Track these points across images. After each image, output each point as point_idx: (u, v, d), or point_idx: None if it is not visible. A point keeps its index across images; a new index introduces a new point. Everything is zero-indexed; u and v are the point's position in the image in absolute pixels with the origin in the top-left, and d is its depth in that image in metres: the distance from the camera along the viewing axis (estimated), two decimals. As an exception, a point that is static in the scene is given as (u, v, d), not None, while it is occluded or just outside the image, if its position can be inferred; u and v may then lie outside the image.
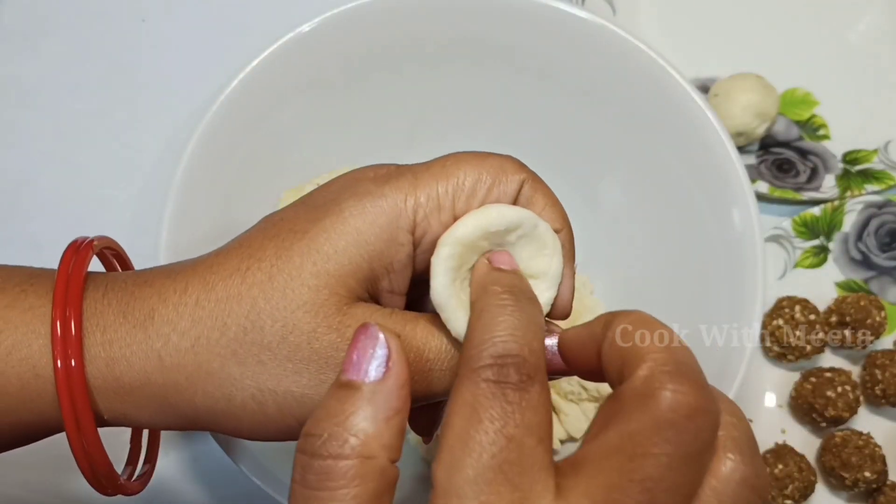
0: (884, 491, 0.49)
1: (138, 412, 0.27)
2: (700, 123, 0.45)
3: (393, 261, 0.27)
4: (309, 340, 0.26)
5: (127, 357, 0.26)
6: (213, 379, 0.26)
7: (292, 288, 0.26)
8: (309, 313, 0.26)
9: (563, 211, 0.29)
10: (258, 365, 0.26)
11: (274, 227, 0.27)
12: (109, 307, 0.27)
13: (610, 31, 0.46)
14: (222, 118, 0.45)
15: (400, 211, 0.26)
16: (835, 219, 0.54)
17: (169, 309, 0.26)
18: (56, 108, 0.57)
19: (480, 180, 0.27)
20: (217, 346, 0.26)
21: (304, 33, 0.46)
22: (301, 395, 0.26)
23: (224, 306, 0.26)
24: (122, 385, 0.26)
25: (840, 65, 0.60)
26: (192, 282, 0.27)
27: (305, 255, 0.26)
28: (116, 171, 0.55)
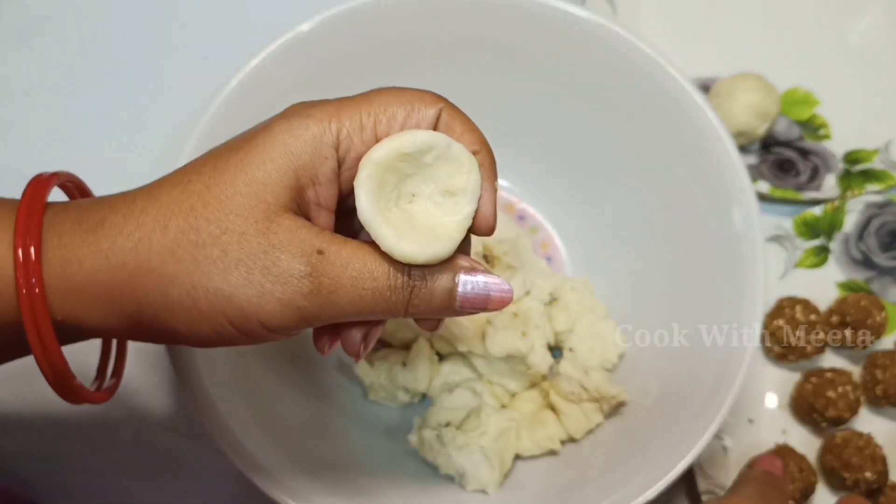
0: (884, 491, 0.49)
1: (88, 313, 0.29)
2: (701, 123, 0.45)
3: (318, 173, 0.29)
4: (239, 241, 0.28)
5: (78, 258, 0.29)
6: (152, 275, 0.28)
7: (227, 195, 0.29)
8: (240, 217, 0.28)
9: (480, 135, 0.31)
10: (193, 263, 0.28)
11: (214, 149, 0.30)
12: (67, 217, 0.30)
13: (610, 30, 0.46)
14: (222, 118, 0.45)
15: (324, 128, 0.29)
16: (835, 219, 0.54)
17: (118, 216, 0.29)
18: (55, 107, 0.57)
19: (400, 107, 0.30)
20: (157, 245, 0.28)
21: (304, 33, 0.46)
22: (230, 293, 0.28)
23: (166, 211, 0.29)
24: (73, 283, 0.29)
25: (841, 64, 0.60)
26: (139, 194, 0.30)
27: (238, 167, 0.29)
28: (116, 171, 0.55)
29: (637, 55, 0.46)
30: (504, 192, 0.54)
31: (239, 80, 0.45)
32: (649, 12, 0.60)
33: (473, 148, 0.30)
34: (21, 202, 0.30)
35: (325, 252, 0.28)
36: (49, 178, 0.32)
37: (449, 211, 0.30)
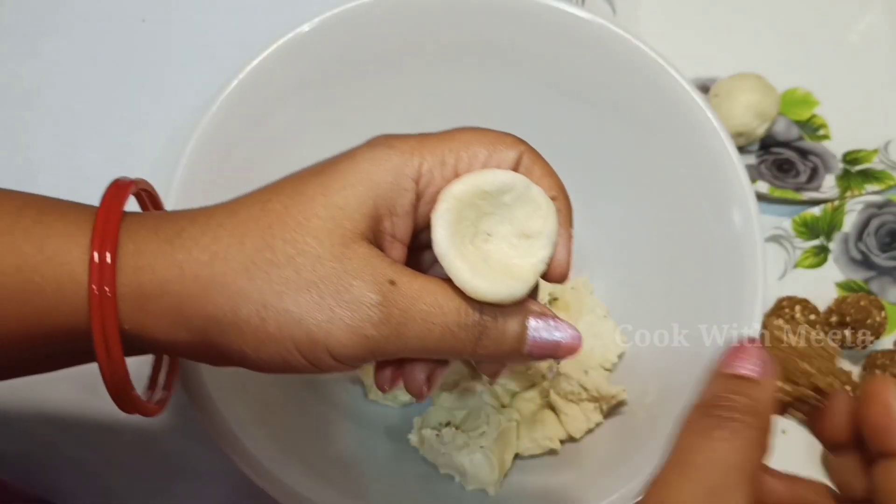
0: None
1: (155, 323, 0.29)
2: (700, 123, 0.45)
3: (396, 203, 0.30)
4: (313, 264, 0.28)
5: (152, 266, 0.29)
6: (224, 290, 0.28)
7: (305, 216, 0.29)
8: (316, 239, 0.28)
9: (558, 180, 0.32)
10: (265, 282, 0.28)
11: (296, 173, 0.31)
12: (144, 225, 0.30)
13: (610, 31, 0.46)
14: (222, 118, 0.45)
15: (406, 160, 0.29)
16: (835, 219, 0.54)
17: (196, 228, 0.29)
18: (56, 108, 0.57)
19: (482, 146, 0.30)
20: (232, 261, 0.28)
21: (304, 33, 0.46)
22: (299, 316, 0.28)
23: (243, 227, 0.29)
24: (144, 292, 0.29)
25: (840, 65, 0.60)
26: (219, 209, 0.30)
27: (318, 189, 0.29)
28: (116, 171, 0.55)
29: (636, 55, 0.46)
30: (504, 192, 0.54)
31: (239, 80, 0.45)
32: (649, 12, 0.61)
33: (551, 193, 0.31)
34: (100, 207, 0.30)
35: (397, 283, 0.28)
36: (127, 185, 0.31)
37: (524, 253, 0.30)
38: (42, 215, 0.29)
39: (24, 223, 0.29)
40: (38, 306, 0.28)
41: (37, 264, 0.28)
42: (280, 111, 0.47)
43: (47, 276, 0.28)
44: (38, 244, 0.29)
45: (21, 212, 0.29)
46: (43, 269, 0.28)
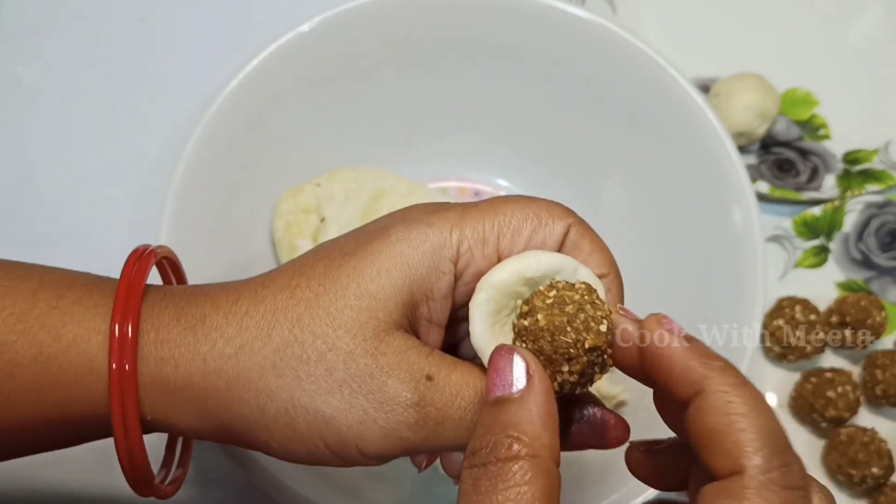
0: (884, 491, 0.49)
1: (178, 415, 0.28)
2: (700, 123, 0.45)
3: (433, 288, 0.27)
4: (345, 361, 0.26)
5: (175, 358, 0.27)
6: (250, 387, 0.27)
7: (336, 307, 0.27)
8: (348, 333, 0.26)
9: (609, 256, 0.29)
10: (294, 380, 0.26)
11: (325, 248, 0.29)
12: (166, 310, 0.28)
13: (610, 30, 0.46)
14: (222, 118, 0.45)
15: (444, 240, 0.27)
16: (835, 219, 0.54)
17: (219, 316, 0.27)
18: (56, 108, 0.57)
19: (526, 220, 0.28)
20: (259, 355, 0.27)
21: (304, 33, 0.46)
22: (330, 416, 0.26)
23: (270, 318, 0.27)
24: (167, 385, 0.27)
25: (840, 65, 0.60)
26: (243, 294, 0.28)
27: (351, 275, 0.27)
28: (116, 171, 0.55)
29: (637, 55, 0.46)
30: (504, 192, 0.54)
31: (239, 80, 0.45)
32: (649, 12, 0.60)
33: (602, 270, 0.28)
34: (119, 284, 0.28)
35: (433, 378, 0.26)
36: (148, 257, 0.30)
37: None
38: (58, 300, 0.28)
39: (39, 309, 0.28)
40: (56, 398, 0.27)
41: (53, 354, 0.27)
42: (280, 111, 0.47)
43: (65, 367, 0.27)
44: (54, 333, 0.27)
45: (36, 296, 0.28)
46: (60, 359, 0.27)
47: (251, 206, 0.48)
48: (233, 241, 0.47)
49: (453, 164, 0.54)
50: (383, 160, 0.51)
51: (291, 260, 0.29)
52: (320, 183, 0.49)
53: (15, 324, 0.27)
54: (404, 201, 0.49)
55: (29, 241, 0.53)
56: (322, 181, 0.49)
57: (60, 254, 0.53)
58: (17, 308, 0.28)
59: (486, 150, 0.53)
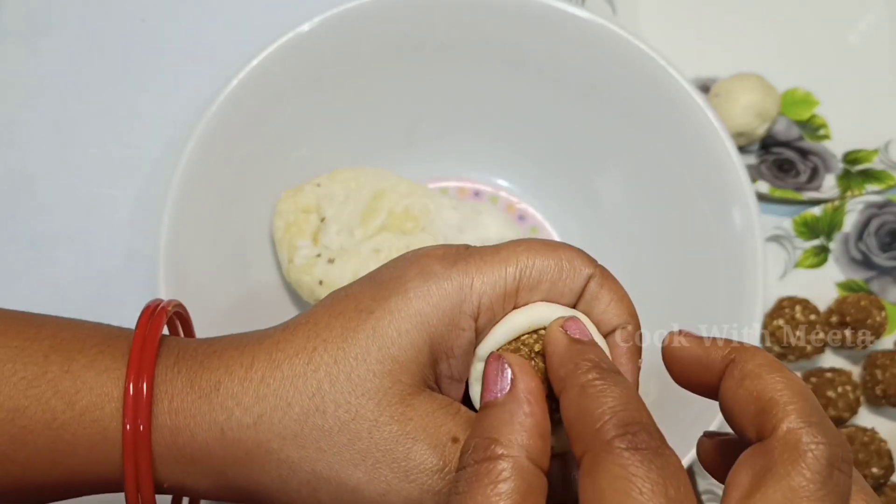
0: (884, 491, 0.49)
1: (196, 483, 0.27)
2: (700, 123, 0.45)
3: (454, 345, 0.27)
4: (370, 430, 0.26)
5: (191, 428, 0.27)
6: (271, 458, 0.26)
7: (358, 373, 0.26)
8: (372, 401, 0.26)
9: (630, 306, 0.28)
10: (317, 451, 0.26)
11: (339, 303, 0.27)
12: (179, 375, 0.27)
13: (610, 30, 0.46)
14: (222, 118, 0.45)
15: (465, 296, 0.26)
16: (835, 219, 0.54)
17: (234, 383, 0.27)
18: (56, 108, 0.57)
19: (547, 272, 0.27)
20: (279, 426, 0.26)
21: (304, 33, 0.46)
22: (354, 487, 0.26)
23: (289, 386, 0.26)
24: (184, 455, 0.27)
25: (840, 65, 0.60)
26: (258, 357, 0.27)
27: (371, 338, 0.26)
28: (116, 171, 0.55)
29: (637, 55, 0.46)
30: (504, 192, 0.54)
31: (239, 80, 0.45)
32: (649, 12, 0.60)
33: (620, 321, 0.28)
34: (133, 347, 0.27)
35: (459, 440, 0.26)
36: (160, 314, 0.29)
37: None
38: (70, 363, 0.27)
39: (51, 373, 0.27)
40: (71, 465, 0.27)
41: (67, 422, 0.27)
42: (280, 111, 0.47)
43: (79, 435, 0.27)
44: (67, 399, 0.27)
45: (48, 359, 0.27)
46: (74, 427, 0.27)
47: (251, 206, 0.48)
48: (233, 241, 0.47)
49: (453, 164, 0.54)
50: (383, 160, 0.51)
51: (304, 314, 0.28)
52: (320, 183, 0.49)
53: (27, 388, 0.27)
54: (404, 201, 0.49)
55: (29, 241, 0.53)
56: (322, 181, 0.49)
57: (60, 254, 0.53)
58: (29, 372, 0.27)
59: (486, 150, 0.53)
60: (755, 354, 0.24)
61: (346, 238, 0.48)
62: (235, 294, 0.47)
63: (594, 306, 0.28)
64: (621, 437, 0.22)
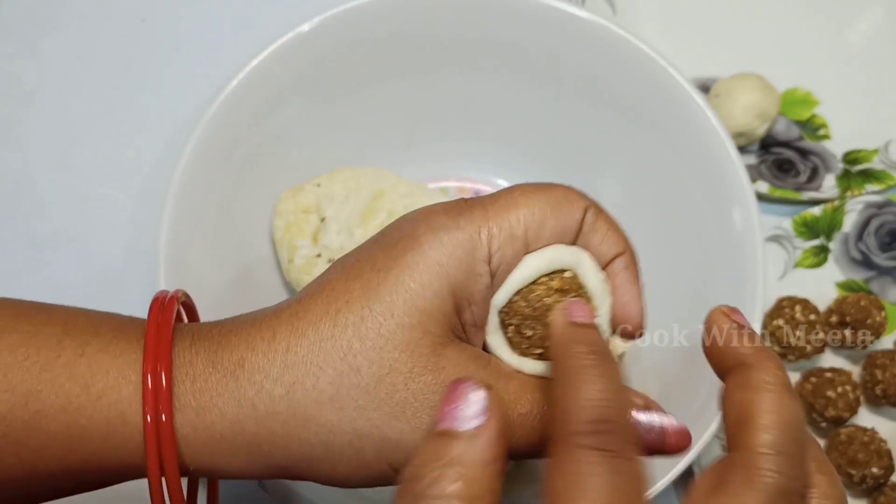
0: (884, 491, 0.49)
1: (228, 462, 0.27)
2: (700, 123, 0.45)
3: (473, 292, 0.27)
4: (406, 381, 0.26)
5: (219, 406, 0.26)
6: (309, 425, 0.26)
7: (388, 328, 0.26)
8: (405, 352, 0.26)
9: (623, 235, 0.29)
10: (356, 409, 0.26)
11: (354, 267, 0.27)
12: (198, 356, 0.27)
13: (610, 30, 0.46)
14: (222, 118, 0.45)
15: (476, 242, 0.27)
16: (835, 219, 0.54)
17: (259, 356, 0.26)
18: (56, 108, 0.57)
19: (548, 209, 0.28)
20: (313, 391, 0.26)
21: (304, 33, 0.46)
22: (397, 440, 0.26)
23: (317, 350, 0.26)
24: (213, 434, 0.26)
25: (840, 65, 0.60)
26: (279, 329, 0.27)
27: (394, 293, 0.26)
28: (116, 171, 0.55)
29: (637, 55, 0.46)
30: (504, 192, 0.54)
31: (239, 80, 0.45)
32: (649, 12, 0.60)
33: (616, 250, 0.29)
34: (147, 334, 0.27)
35: (493, 386, 0.26)
36: (171, 302, 0.29)
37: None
38: (85, 346, 0.27)
39: (65, 357, 0.26)
40: (87, 450, 0.26)
41: (82, 405, 0.26)
42: (280, 111, 0.47)
43: (95, 419, 0.26)
44: (82, 383, 0.26)
45: (61, 343, 0.27)
46: (90, 410, 0.26)
47: (251, 206, 0.48)
48: (233, 240, 0.47)
49: (453, 164, 0.54)
50: (383, 160, 0.51)
51: (318, 283, 0.28)
52: (320, 183, 0.49)
53: (40, 372, 0.26)
54: (404, 201, 0.49)
55: (28, 241, 0.53)
56: (322, 181, 0.49)
57: (60, 254, 0.53)
58: (43, 356, 0.26)
59: (486, 150, 0.53)
60: (768, 369, 0.25)
61: (346, 238, 0.48)
62: (236, 294, 0.47)
63: (591, 238, 0.28)
64: (589, 435, 0.22)
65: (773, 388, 0.24)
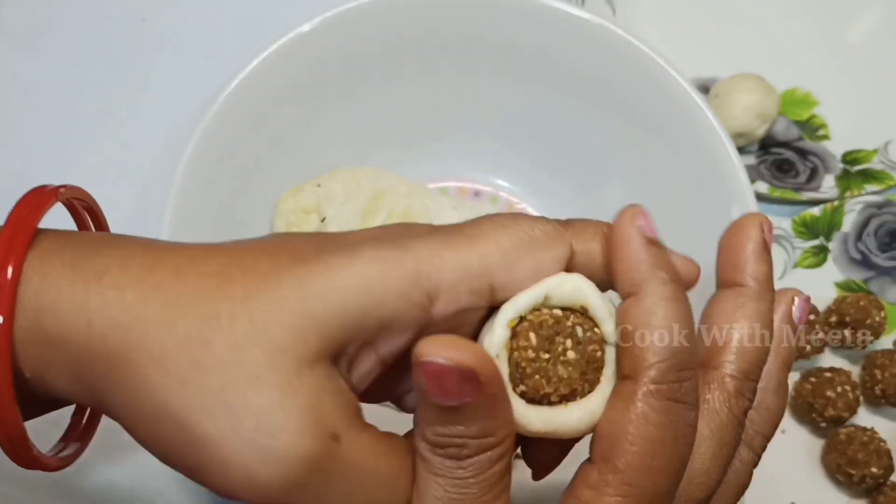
0: (883, 490, 0.49)
1: (53, 375, 0.24)
2: (700, 124, 0.45)
3: (395, 319, 0.23)
4: (246, 384, 0.22)
5: (55, 308, 0.23)
6: (130, 370, 0.23)
7: (264, 320, 0.22)
8: (265, 354, 0.22)
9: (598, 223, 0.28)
10: (179, 383, 0.22)
11: (276, 245, 0.24)
12: (60, 258, 0.24)
13: (610, 31, 0.46)
14: (222, 118, 0.45)
15: (424, 270, 0.23)
16: (834, 219, 0.54)
17: (125, 276, 0.23)
18: (56, 107, 0.57)
19: (524, 252, 0.25)
20: (153, 340, 0.23)
21: (304, 33, 0.46)
22: (197, 440, 0.22)
23: (186, 302, 0.23)
24: (43, 338, 0.23)
25: (840, 65, 0.60)
26: (165, 262, 0.24)
27: (295, 286, 0.23)
28: (116, 171, 0.55)
29: (636, 55, 0.46)
30: (504, 192, 0.54)
31: (239, 80, 0.45)
32: (649, 12, 0.61)
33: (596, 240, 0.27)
34: (6, 224, 0.24)
35: (341, 439, 0.23)
36: (49, 194, 0.26)
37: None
38: None
39: None
40: None
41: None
42: (280, 111, 0.47)
43: None
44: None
45: None
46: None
47: (251, 206, 0.48)
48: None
49: (453, 164, 0.54)
50: (383, 160, 0.51)
51: (237, 242, 0.25)
52: (320, 183, 0.49)
53: None
54: (404, 201, 0.49)
55: (29, 241, 0.53)
56: (322, 181, 0.49)
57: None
58: None
59: (486, 150, 0.53)
60: (655, 292, 0.26)
61: (346, 238, 0.48)
62: (235, 294, 0.47)
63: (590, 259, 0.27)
64: (670, 384, 0.24)
65: (662, 314, 0.26)
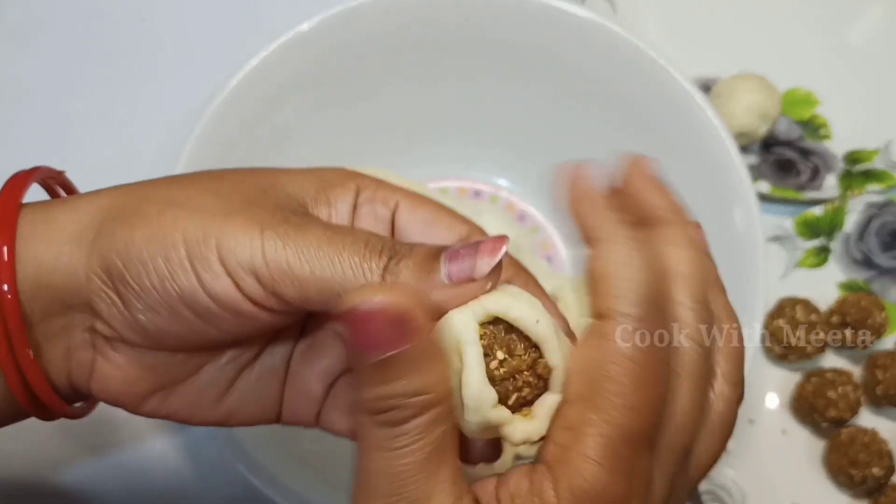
0: (885, 491, 0.49)
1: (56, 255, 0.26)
2: (702, 123, 0.45)
3: (338, 197, 0.28)
4: (238, 181, 0.27)
5: (48, 222, 0.26)
6: (145, 190, 0.28)
7: (247, 186, 0.27)
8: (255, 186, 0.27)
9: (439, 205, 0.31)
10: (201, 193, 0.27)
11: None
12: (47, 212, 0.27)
13: (610, 30, 0.46)
14: (221, 118, 0.45)
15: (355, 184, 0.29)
16: (836, 219, 0.54)
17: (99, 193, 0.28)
18: (55, 107, 0.57)
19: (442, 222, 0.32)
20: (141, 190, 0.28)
21: (304, 33, 0.46)
22: (195, 209, 0.26)
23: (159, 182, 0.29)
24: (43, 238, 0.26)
25: (841, 64, 0.60)
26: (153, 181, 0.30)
27: (265, 173, 0.28)
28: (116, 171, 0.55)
29: (638, 55, 0.46)
30: (504, 192, 0.54)
31: (239, 80, 0.45)
32: (649, 12, 0.60)
33: (463, 230, 0.32)
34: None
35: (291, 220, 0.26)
36: (26, 176, 0.28)
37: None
38: None
39: None
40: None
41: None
42: (280, 111, 0.47)
43: None
44: None
45: None
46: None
47: (251, 206, 0.48)
48: (233, 241, 0.47)
49: (453, 164, 0.54)
50: (383, 160, 0.51)
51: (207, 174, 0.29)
52: (320, 183, 0.49)
53: None
54: (404, 201, 0.49)
55: (28, 241, 0.53)
56: (322, 181, 0.49)
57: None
58: None
59: (486, 150, 0.53)
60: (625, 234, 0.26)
61: (346, 238, 0.48)
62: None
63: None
64: (647, 322, 0.25)
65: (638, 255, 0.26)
